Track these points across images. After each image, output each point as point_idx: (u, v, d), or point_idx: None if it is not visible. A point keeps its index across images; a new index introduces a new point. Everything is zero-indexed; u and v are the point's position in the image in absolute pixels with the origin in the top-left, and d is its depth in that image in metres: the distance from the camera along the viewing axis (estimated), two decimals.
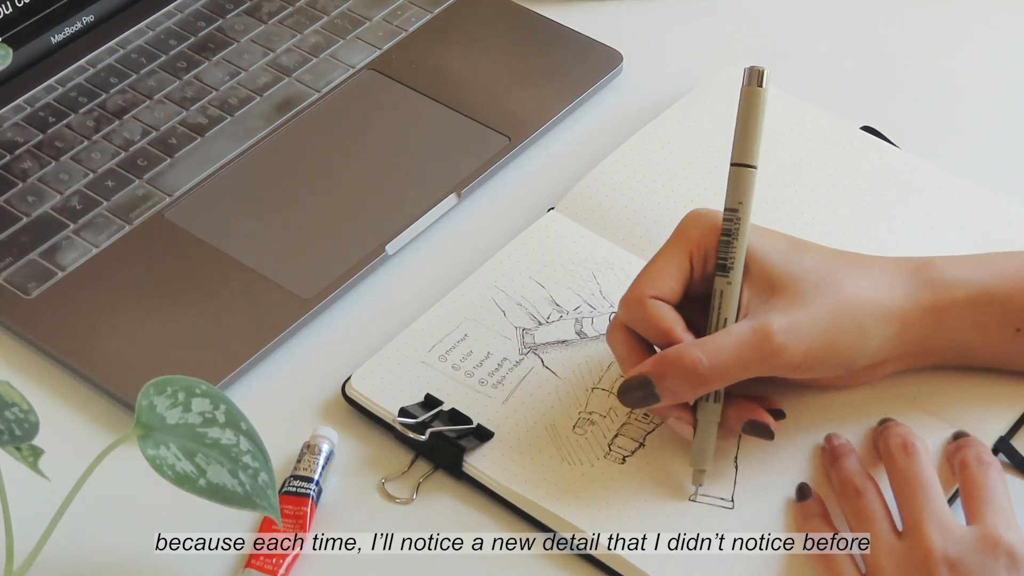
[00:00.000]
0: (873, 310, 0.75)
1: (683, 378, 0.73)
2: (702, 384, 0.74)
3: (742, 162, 0.76)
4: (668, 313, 0.75)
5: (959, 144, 0.97)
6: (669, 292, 0.76)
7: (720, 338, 0.74)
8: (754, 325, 0.74)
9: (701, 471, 0.76)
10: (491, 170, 0.93)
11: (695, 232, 0.77)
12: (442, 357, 0.82)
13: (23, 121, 0.96)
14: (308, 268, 0.87)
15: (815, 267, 0.76)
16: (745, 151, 0.76)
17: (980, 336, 0.78)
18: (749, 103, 0.76)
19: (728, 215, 0.76)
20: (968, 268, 0.78)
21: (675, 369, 0.73)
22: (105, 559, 0.75)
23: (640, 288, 0.76)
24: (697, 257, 0.76)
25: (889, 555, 0.70)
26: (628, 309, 0.76)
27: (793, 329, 0.73)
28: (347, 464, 0.79)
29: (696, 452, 0.76)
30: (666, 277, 0.76)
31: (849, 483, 0.74)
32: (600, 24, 1.03)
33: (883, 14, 1.06)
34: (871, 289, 0.76)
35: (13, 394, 0.65)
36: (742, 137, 0.76)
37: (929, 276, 0.77)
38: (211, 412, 0.68)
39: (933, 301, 0.77)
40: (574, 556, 0.75)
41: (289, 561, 0.73)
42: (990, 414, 0.79)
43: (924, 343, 0.78)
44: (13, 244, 0.88)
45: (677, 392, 0.74)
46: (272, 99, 0.97)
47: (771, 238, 0.77)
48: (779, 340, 0.73)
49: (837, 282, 0.75)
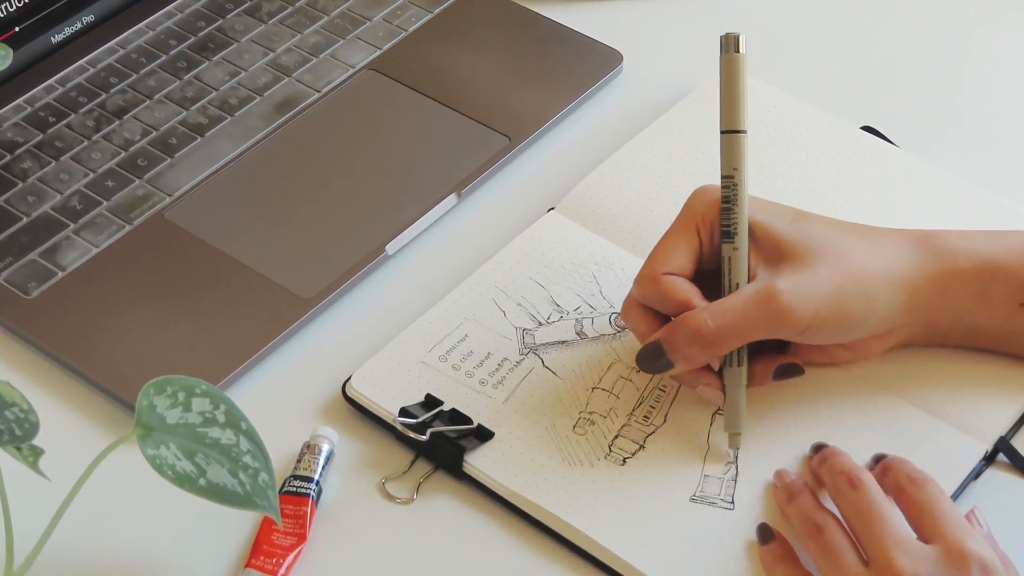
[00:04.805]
0: (880, 276, 0.76)
1: (692, 340, 0.75)
2: (710, 345, 0.75)
3: (731, 128, 0.77)
4: (683, 285, 0.76)
5: (959, 144, 0.97)
6: (681, 267, 0.77)
7: (727, 300, 0.75)
8: (760, 287, 0.75)
9: (736, 434, 0.77)
10: (491, 170, 0.93)
11: (700, 207, 0.78)
12: (442, 357, 0.82)
13: (23, 121, 0.96)
14: (308, 268, 0.87)
15: (822, 235, 0.77)
16: (732, 117, 0.77)
17: (984, 309, 0.78)
18: (730, 69, 0.78)
19: (725, 182, 0.77)
20: (974, 240, 0.79)
21: (683, 332, 0.75)
22: (105, 559, 0.75)
23: (653, 266, 0.77)
24: (704, 231, 0.78)
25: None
26: (643, 287, 0.77)
27: (800, 290, 0.74)
28: (347, 464, 0.79)
29: (728, 416, 0.77)
30: (676, 253, 0.77)
31: (808, 520, 0.72)
32: (600, 24, 1.03)
33: (883, 14, 1.06)
34: (877, 257, 0.77)
35: (13, 394, 0.65)
36: (728, 104, 0.78)
37: (935, 245, 0.78)
38: (211, 412, 0.68)
39: (939, 269, 0.77)
40: (574, 556, 0.75)
41: (289, 561, 0.73)
42: (990, 414, 0.79)
43: (930, 313, 0.78)
44: (13, 244, 0.88)
45: (689, 356, 0.75)
46: (272, 99, 0.97)
47: (776, 208, 0.79)
48: (786, 300, 0.74)
49: (844, 249, 0.76)
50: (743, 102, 0.77)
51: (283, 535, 0.74)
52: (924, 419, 0.79)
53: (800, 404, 0.80)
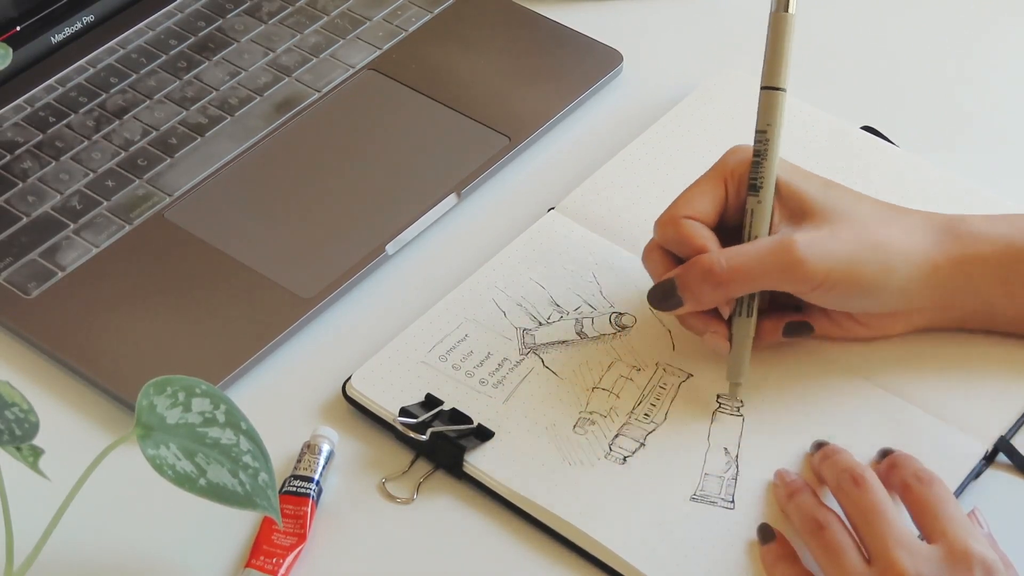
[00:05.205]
0: (899, 251, 0.77)
1: (703, 278, 0.76)
2: (721, 285, 0.76)
3: (771, 85, 0.79)
4: (702, 230, 0.78)
5: (960, 143, 0.97)
6: (703, 213, 0.78)
7: (744, 246, 0.77)
8: (778, 237, 0.76)
9: (737, 384, 0.78)
10: (491, 170, 0.93)
11: (732, 161, 0.79)
12: (442, 357, 0.82)
13: (23, 121, 0.96)
14: (308, 268, 0.87)
15: (848, 203, 0.78)
16: (774, 74, 0.79)
17: (1005, 292, 0.79)
18: (777, 27, 0.79)
19: (758, 136, 0.78)
20: (997, 224, 0.79)
21: (696, 271, 0.76)
22: (105, 559, 0.75)
23: (675, 209, 0.79)
24: (732, 184, 0.79)
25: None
26: (663, 229, 0.79)
27: (816, 245, 0.76)
28: (347, 464, 0.79)
29: (731, 365, 0.78)
30: (700, 200, 0.79)
31: (810, 518, 0.72)
32: (600, 24, 1.03)
33: (884, 14, 1.06)
34: (900, 233, 0.78)
35: (13, 394, 0.65)
36: (772, 61, 0.79)
37: (958, 228, 0.79)
38: (211, 412, 0.68)
39: (960, 252, 0.78)
40: (574, 556, 0.75)
41: (289, 561, 0.73)
42: (990, 414, 0.79)
43: (950, 296, 0.79)
44: (13, 244, 0.88)
45: (698, 295, 0.76)
46: (272, 99, 0.97)
47: (807, 174, 0.80)
48: (801, 252, 0.75)
49: (867, 219, 0.78)
50: (787, 60, 0.78)
51: (283, 535, 0.74)
52: (924, 418, 0.79)
53: (800, 402, 0.80)
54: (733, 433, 0.78)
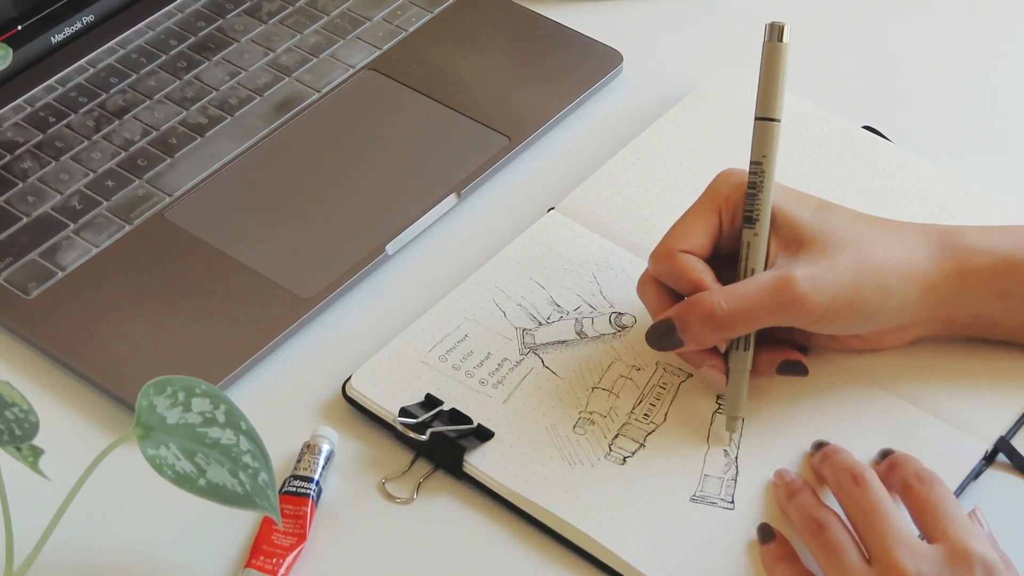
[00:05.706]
0: (896, 270, 0.77)
1: (704, 322, 0.75)
2: (722, 328, 0.75)
3: (765, 116, 0.78)
4: (697, 264, 0.77)
5: (960, 143, 0.97)
6: (698, 246, 0.77)
7: (743, 285, 0.76)
8: (777, 274, 0.75)
9: (734, 418, 0.77)
10: (491, 170, 0.93)
11: (725, 188, 0.79)
12: (442, 357, 0.82)
13: (23, 121, 0.96)
14: (308, 268, 0.87)
15: (842, 226, 0.77)
16: (768, 105, 0.78)
17: (1002, 306, 0.78)
18: (771, 58, 0.78)
19: (753, 168, 0.78)
20: (992, 236, 0.79)
21: (696, 313, 0.75)
22: (105, 559, 0.75)
23: (669, 242, 0.78)
24: (726, 213, 0.78)
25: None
26: (658, 263, 0.78)
27: (816, 279, 0.75)
28: (347, 464, 0.79)
29: (728, 400, 0.78)
30: (695, 232, 0.78)
31: (810, 518, 0.72)
32: (600, 24, 1.03)
33: (884, 14, 1.06)
34: (896, 251, 0.77)
35: (13, 394, 0.65)
36: (765, 91, 0.78)
37: (953, 242, 0.78)
38: (211, 412, 0.68)
39: (956, 266, 0.78)
40: (574, 556, 0.75)
41: (289, 561, 0.73)
42: (990, 414, 0.79)
43: (947, 309, 0.78)
44: (13, 244, 0.88)
45: (699, 336, 0.76)
46: (272, 99, 0.97)
47: (800, 197, 0.79)
48: (801, 288, 0.74)
49: (863, 241, 0.77)
50: (781, 91, 0.78)
51: (283, 535, 0.74)
52: (924, 419, 0.79)
53: (800, 403, 0.80)
54: (733, 433, 0.78)
